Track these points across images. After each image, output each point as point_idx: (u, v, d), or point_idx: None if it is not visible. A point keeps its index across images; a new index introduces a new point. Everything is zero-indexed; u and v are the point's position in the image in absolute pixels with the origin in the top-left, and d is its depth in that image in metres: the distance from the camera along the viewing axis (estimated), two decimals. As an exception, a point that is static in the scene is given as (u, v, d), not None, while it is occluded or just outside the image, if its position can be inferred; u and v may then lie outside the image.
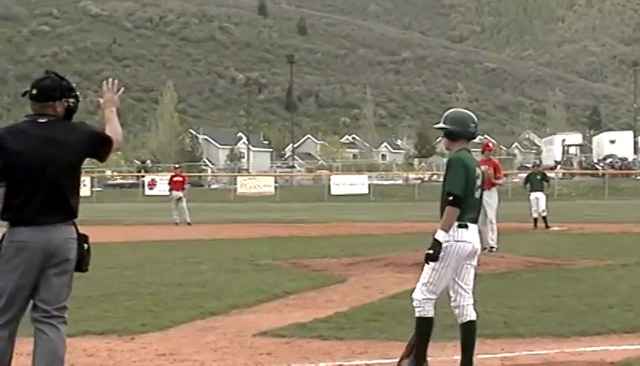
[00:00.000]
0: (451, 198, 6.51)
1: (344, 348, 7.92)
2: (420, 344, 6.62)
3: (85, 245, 5.58)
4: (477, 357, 6.74)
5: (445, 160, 6.70)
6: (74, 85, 5.71)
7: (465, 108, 7.32)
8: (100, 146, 5.68)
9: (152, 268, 14.93)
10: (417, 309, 6.63)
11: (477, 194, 6.74)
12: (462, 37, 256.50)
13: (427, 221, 5.69)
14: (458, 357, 6.72)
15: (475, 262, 6.76)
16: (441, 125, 6.86)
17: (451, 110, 7.11)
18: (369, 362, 7.28)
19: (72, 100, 5.61)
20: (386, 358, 7.24)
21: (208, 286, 12.33)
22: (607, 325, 8.90)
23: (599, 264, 14.99)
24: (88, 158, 5.74)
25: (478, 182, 6.76)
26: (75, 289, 5.62)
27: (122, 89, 5.99)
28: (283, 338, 8.40)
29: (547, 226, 25.39)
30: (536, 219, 25.68)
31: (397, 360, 6.89)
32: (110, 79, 5.99)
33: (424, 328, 6.61)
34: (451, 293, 6.71)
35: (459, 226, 6.57)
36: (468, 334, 6.64)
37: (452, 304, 6.73)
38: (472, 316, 6.67)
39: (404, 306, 9.99)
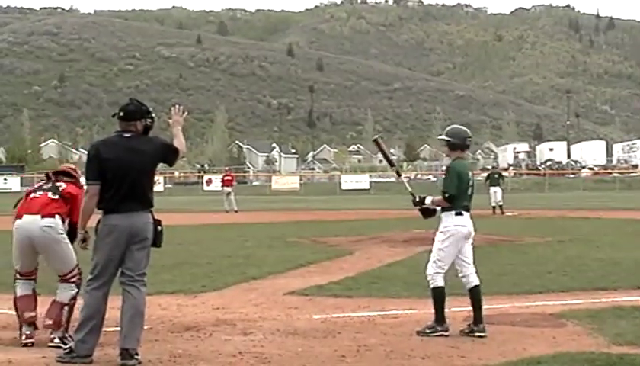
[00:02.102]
0: (447, 196, 6.29)
1: (352, 303, 7.89)
2: (438, 308, 6.28)
3: (159, 227, 5.57)
4: (451, 310, 6.64)
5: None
6: (150, 109, 5.69)
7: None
8: (169, 154, 5.66)
9: (208, 244, 14.94)
10: (430, 282, 6.32)
11: (470, 190, 6.44)
12: (438, 72, 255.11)
13: (413, 209, 5.68)
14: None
15: (471, 240, 6.46)
16: (443, 137, 6.52)
17: (452, 126, 6.69)
18: (370, 314, 7.23)
19: (149, 120, 5.61)
20: (384, 311, 7.20)
21: (250, 258, 12.30)
22: (547, 286, 8.87)
23: (541, 241, 14.91)
24: (160, 163, 5.73)
25: (471, 182, 6.46)
26: (152, 260, 5.62)
27: (186, 113, 5.98)
28: (306, 296, 8.39)
29: (502, 213, 25.31)
30: (494, 207, 25.59)
31: (392, 312, 6.83)
32: (177, 106, 5.99)
33: (438, 295, 6.29)
34: (457, 267, 6.43)
35: (457, 214, 6.31)
36: (475, 296, 6.35)
37: (460, 275, 6.44)
38: (475, 281, 6.38)
39: (396, 272, 9.99)
